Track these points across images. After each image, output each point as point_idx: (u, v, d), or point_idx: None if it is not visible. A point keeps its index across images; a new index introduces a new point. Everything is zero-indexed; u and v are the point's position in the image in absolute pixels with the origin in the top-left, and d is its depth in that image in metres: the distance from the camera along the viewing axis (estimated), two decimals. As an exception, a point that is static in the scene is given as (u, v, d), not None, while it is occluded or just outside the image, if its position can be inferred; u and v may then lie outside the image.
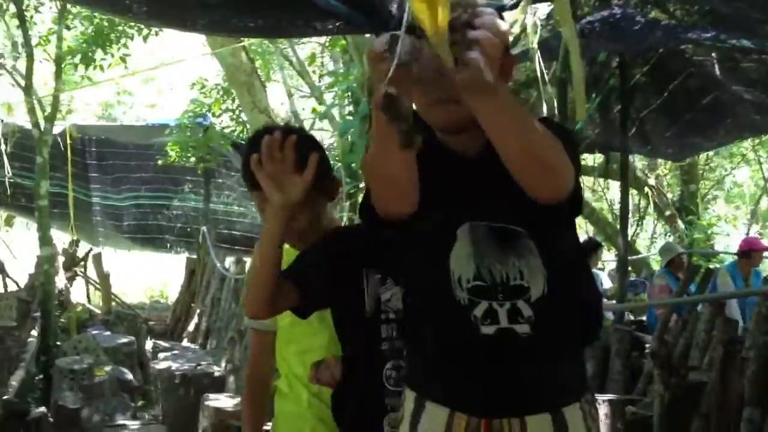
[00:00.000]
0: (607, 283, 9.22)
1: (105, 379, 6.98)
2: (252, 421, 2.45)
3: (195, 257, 11.85)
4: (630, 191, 9.39)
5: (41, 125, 8.68)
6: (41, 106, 9.11)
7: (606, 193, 16.20)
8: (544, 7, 6.41)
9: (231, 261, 10.29)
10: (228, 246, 12.90)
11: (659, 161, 13.29)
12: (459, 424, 1.69)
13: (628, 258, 7.56)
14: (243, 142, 11.82)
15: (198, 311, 10.55)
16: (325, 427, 2.25)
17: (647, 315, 7.68)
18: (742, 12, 4.57)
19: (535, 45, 5.56)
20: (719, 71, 6.47)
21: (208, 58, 12.11)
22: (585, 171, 12.83)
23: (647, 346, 5.82)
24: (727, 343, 3.66)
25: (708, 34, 5.20)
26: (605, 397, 4.78)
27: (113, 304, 11.54)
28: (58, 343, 8.39)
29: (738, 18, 4.75)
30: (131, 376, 7.59)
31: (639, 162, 13.26)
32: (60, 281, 9.73)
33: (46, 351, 8.05)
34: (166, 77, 21.79)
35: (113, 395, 6.73)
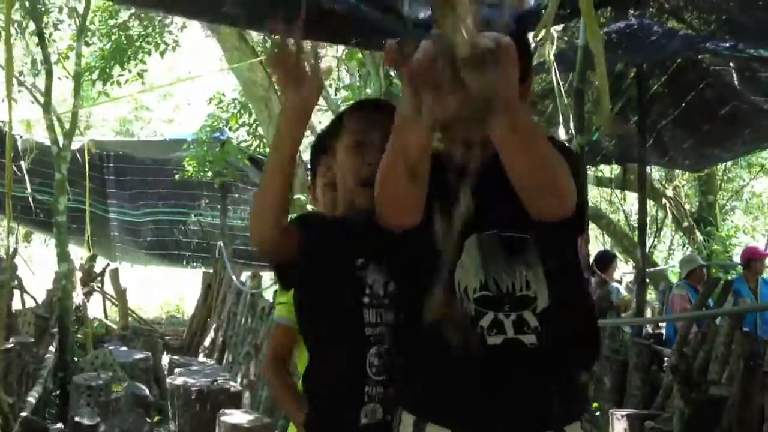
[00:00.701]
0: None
1: (121, 395, 6.97)
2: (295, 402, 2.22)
3: (211, 272, 11.85)
4: (647, 202, 9.33)
5: (60, 141, 8.73)
6: (60, 122, 9.16)
7: (623, 205, 16.10)
8: (558, 18, 6.40)
9: (247, 275, 10.28)
10: (244, 261, 12.90)
11: (677, 172, 13.21)
12: None
13: (646, 270, 7.50)
14: (260, 156, 11.86)
15: (214, 326, 10.54)
16: None
17: (666, 328, 7.62)
18: (760, 21, 4.54)
19: (552, 56, 5.56)
20: (737, 81, 6.44)
21: (225, 73, 12.17)
22: (602, 182, 12.78)
23: (666, 359, 5.77)
24: (748, 358, 3.61)
25: (726, 44, 5.18)
26: (624, 412, 4.73)
27: (130, 319, 11.56)
28: (75, 359, 8.40)
29: (756, 27, 4.72)
30: (147, 391, 7.58)
31: (656, 173, 13.18)
32: (77, 297, 9.76)
33: (63, 367, 8.06)
34: (183, 92, 21.94)
35: (129, 411, 6.71)
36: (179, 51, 11.89)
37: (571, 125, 5.95)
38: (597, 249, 12.27)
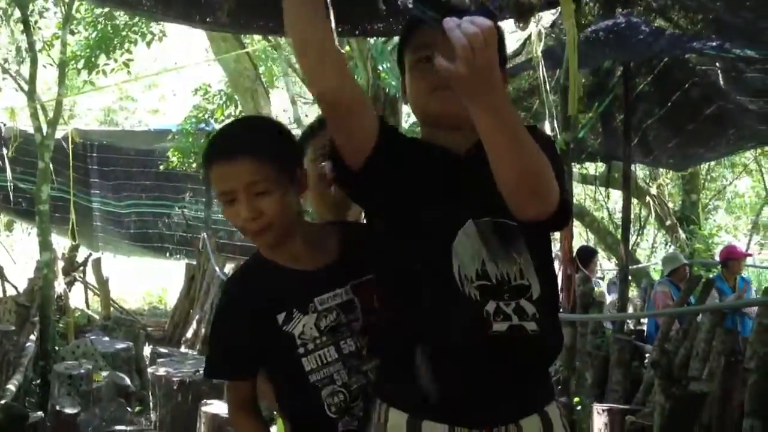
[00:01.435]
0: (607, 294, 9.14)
1: (102, 385, 6.95)
2: None
3: (195, 263, 11.81)
4: (631, 200, 9.38)
5: (44, 130, 8.67)
6: (44, 110, 9.10)
7: (607, 202, 16.18)
8: (548, 16, 6.42)
9: (231, 268, 10.26)
10: (228, 254, 12.85)
11: (661, 170, 13.28)
12: None
13: (629, 267, 7.54)
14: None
15: (197, 317, 10.51)
16: None
17: (647, 324, 7.66)
18: (748, 21, 4.56)
19: (539, 53, 5.57)
20: (723, 81, 6.46)
21: (211, 64, 12.12)
22: (587, 180, 12.82)
23: (647, 355, 5.81)
24: (729, 354, 3.64)
25: (713, 43, 5.20)
26: (604, 407, 4.75)
27: (111, 309, 11.51)
28: (56, 348, 8.37)
29: (743, 27, 4.74)
30: (128, 381, 7.56)
31: (640, 171, 13.25)
32: (59, 286, 9.71)
33: (44, 356, 8.02)
34: (168, 83, 21.82)
35: (110, 401, 6.70)
36: (165, 41, 11.81)
37: (556, 122, 5.99)
38: (578, 245, 12.31)
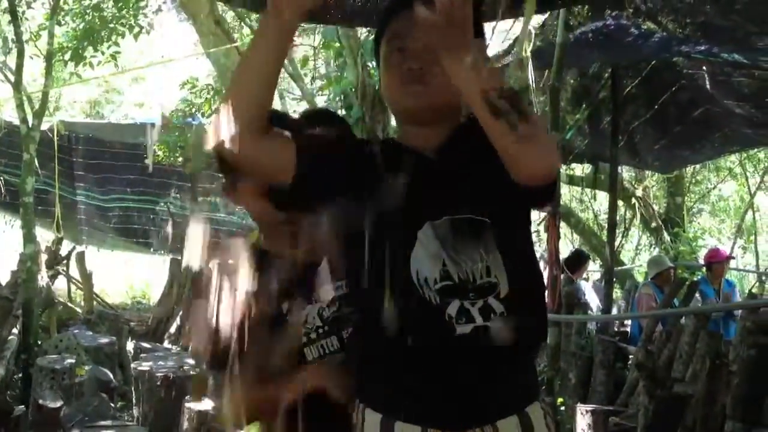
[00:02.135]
0: (591, 296, 9.14)
1: (85, 379, 6.91)
2: None
3: (179, 258, 11.75)
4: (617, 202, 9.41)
5: (29, 121, 8.61)
6: (30, 102, 9.03)
7: (592, 204, 16.24)
8: (537, 16, 6.43)
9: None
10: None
11: (647, 173, 13.34)
12: None
13: (614, 269, 7.56)
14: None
15: (180, 313, 10.47)
16: None
17: (631, 326, 7.70)
18: (737, 25, 4.58)
19: (528, 53, 5.58)
20: (710, 85, 6.49)
21: (198, 58, 12.08)
22: (573, 181, 12.86)
23: (630, 357, 5.84)
24: (714, 356, 3.66)
25: (701, 47, 5.22)
26: (588, 407, 4.78)
27: (94, 303, 11.44)
28: (39, 342, 8.31)
29: (732, 31, 4.76)
30: (111, 376, 7.52)
31: (626, 173, 13.30)
32: (42, 279, 9.64)
33: (26, 349, 7.97)
34: (155, 76, 21.73)
35: (93, 395, 6.66)
36: (152, 34, 11.76)
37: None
38: (564, 247, 12.37)
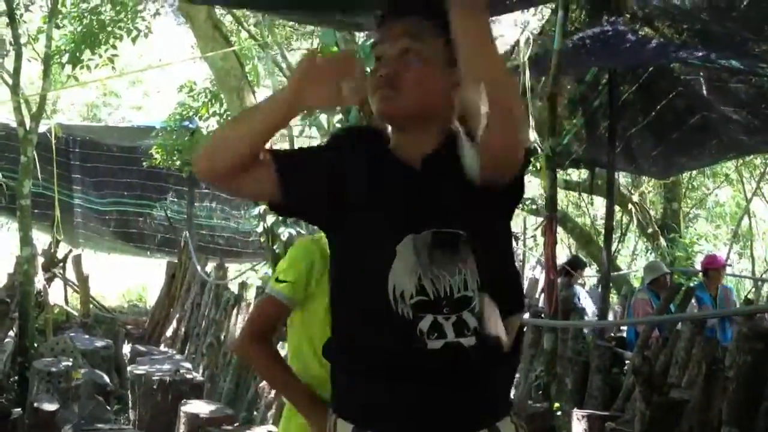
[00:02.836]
0: (587, 301, 9.14)
1: (81, 383, 6.91)
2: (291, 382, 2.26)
3: (176, 261, 11.75)
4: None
5: (27, 124, 8.61)
6: (27, 104, 9.03)
7: (589, 209, 16.26)
8: (534, 22, 6.45)
9: (212, 266, 10.22)
10: (209, 254, 12.80)
11: (643, 178, 13.36)
12: None
13: (610, 274, 7.57)
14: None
15: (177, 316, 10.47)
16: None
17: (627, 332, 7.70)
18: (734, 31, 4.60)
19: (526, 60, 5.60)
20: (707, 91, 6.51)
21: (196, 61, 12.08)
22: (570, 186, 12.88)
23: (627, 362, 5.84)
24: (711, 362, 3.67)
25: (698, 53, 5.23)
26: (584, 413, 4.78)
27: (91, 306, 11.43)
28: (35, 345, 8.31)
29: (729, 38, 4.78)
30: (107, 379, 7.52)
31: (623, 179, 13.32)
32: (38, 282, 9.63)
33: (22, 352, 7.97)
34: (152, 80, 21.73)
35: (89, 399, 6.66)
36: (150, 38, 11.75)
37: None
38: (560, 252, 12.36)
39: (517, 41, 6.17)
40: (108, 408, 7.02)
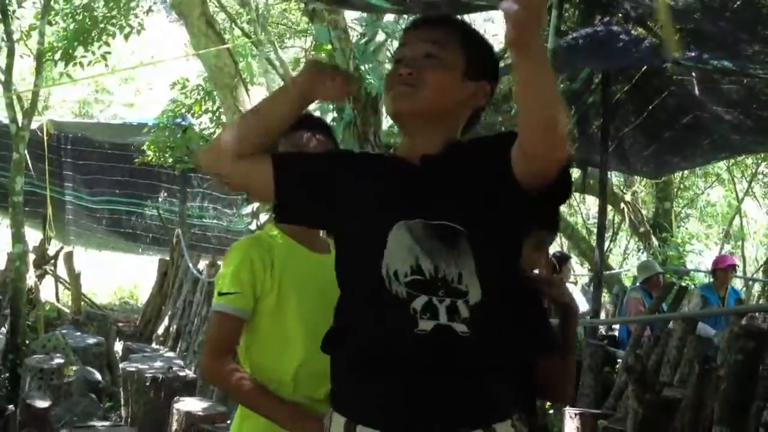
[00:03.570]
0: (579, 299, 9.18)
1: (73, 380, 6.90)
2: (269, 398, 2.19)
3: (168, 259, 11.73)
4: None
5: (19, 121, 8.59)
6: (20, 101, 9.01)
7: (581, 208, 16.30)
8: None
9: (204, 264, 10.20)
10: (201, 251, 12.79)
11: (635, 178, 13.40)
12: None
13: (603, 273, 7.58)
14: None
15: (169, 313, 10.45)
16: None
17: (619, 330, 7.73)
18: (727, 32, 4.61)
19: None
20: (699, 91, 6.53)
21: (189, 58, 12.07)
22: (562, 185, 12.91)
23: (619, 361, 5.86)
24: (704, 361, 3.68)
25: (691, 53, 5.24)
26: (576, 411, 4.80)
27: (82, 303, 11.39)
28: (26, 342, 8.29)
29: (722, 38, 4.79)
30: (99, 376, 7.51)
31: (615, 178, 13.36)
32: (30, 279, 9.61)
33: (14, 349, 7.95)
34: (145, 77, 21.69)
35: (82, 396, 6.65)
36: (143, 34, 11.74)
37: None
38: (554, 250, 12.38)
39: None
40: (100, 405, 7.01)
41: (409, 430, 1.66)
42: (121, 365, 7.67)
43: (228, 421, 5.92)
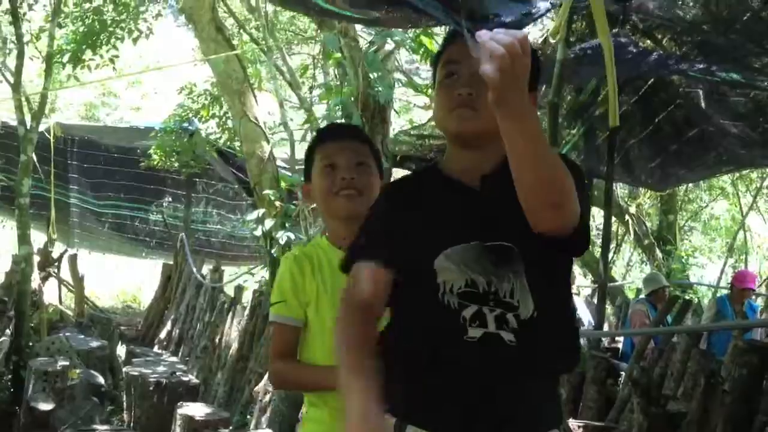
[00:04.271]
0: (582, 311, 9.15)
1: (76, 383, 6.90)
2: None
3: (171, 263, 11.75)
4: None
5: (27, 123, 8.62)
6: (29, 103, 9.04)
7: (585, 219, 16.26)
8: (536, 33, 6.47)
9: (208, 269, 10.22)
10: (205, 255, 12.80)
11: (640, 190, 13.39)
12: None
13: (607, 285, 7.57)
14: (228, 150, 11.79)
15: (172, 317, 10.46)
16: None
17: (623, 343, 7.71)
18: (736, 43, 4.61)
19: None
20: (706, 104, 6.53)
21: (197, 63, 12.09)
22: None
23: (622, 373, 5.85)
24: (709, 375, 3.69)
25: (699, 65, 5.25)
26: (579, 423, 4.79)
27: (85, 306, 11.41)
28: (30, 344, 8.30)
29: (731, 50, 4.79)
30: (102, 380, 7.52)
31: (620, 190, 13.36)
32: (34, 281, 9.62)
33: (18, 351, 7.95)
34: (151, 81, 21.73)
35: (85, 399, 6.65)
36: (150, 39, 11.77)
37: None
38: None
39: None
40: (103, 409, 7.02)
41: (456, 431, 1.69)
42: (124, 369, 7.68)
43: (230, 427, 5.93)
